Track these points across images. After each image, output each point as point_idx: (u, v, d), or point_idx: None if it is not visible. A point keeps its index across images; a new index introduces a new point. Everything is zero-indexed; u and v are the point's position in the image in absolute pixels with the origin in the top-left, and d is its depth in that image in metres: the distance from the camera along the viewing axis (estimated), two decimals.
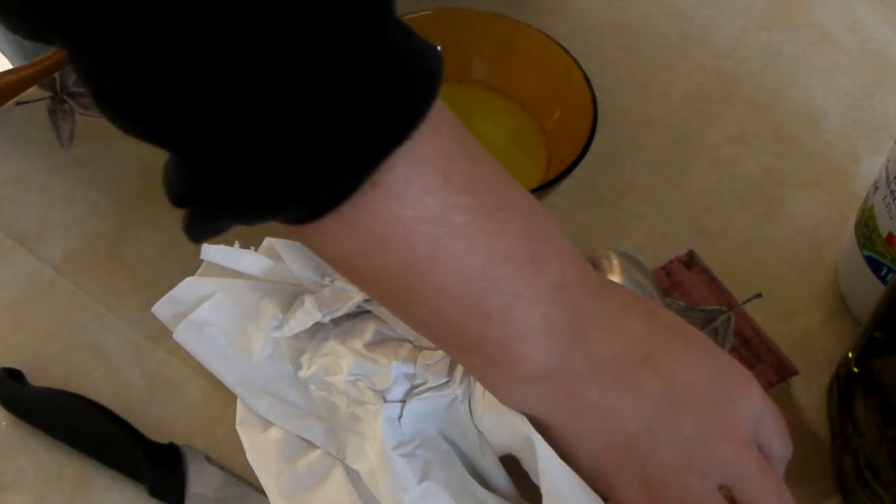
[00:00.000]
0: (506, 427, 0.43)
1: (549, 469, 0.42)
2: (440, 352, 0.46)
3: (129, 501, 0.47)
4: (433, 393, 0.45)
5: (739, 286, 0.56)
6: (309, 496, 0.44)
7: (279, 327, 0.47)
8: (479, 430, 0.46)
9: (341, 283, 0.48)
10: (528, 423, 0.42)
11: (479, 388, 0.45)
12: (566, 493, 0.42)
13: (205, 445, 0.48)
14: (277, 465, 0.45)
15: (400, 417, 0.45)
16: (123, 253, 0.55)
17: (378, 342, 0.47)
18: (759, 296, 0.56)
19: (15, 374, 0.49)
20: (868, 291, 0.51)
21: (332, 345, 0.47)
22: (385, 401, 0.45)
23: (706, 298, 0.55)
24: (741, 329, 0.54)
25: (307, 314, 0.47)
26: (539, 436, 0.42)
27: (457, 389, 0.45)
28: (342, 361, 0.46)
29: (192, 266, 0.50)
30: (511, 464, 0.46)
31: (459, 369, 0.46)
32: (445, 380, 0.46)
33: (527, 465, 0.44)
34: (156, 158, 0.34)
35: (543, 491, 0.42)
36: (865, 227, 0.51)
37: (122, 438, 0.47)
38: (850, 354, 0.50)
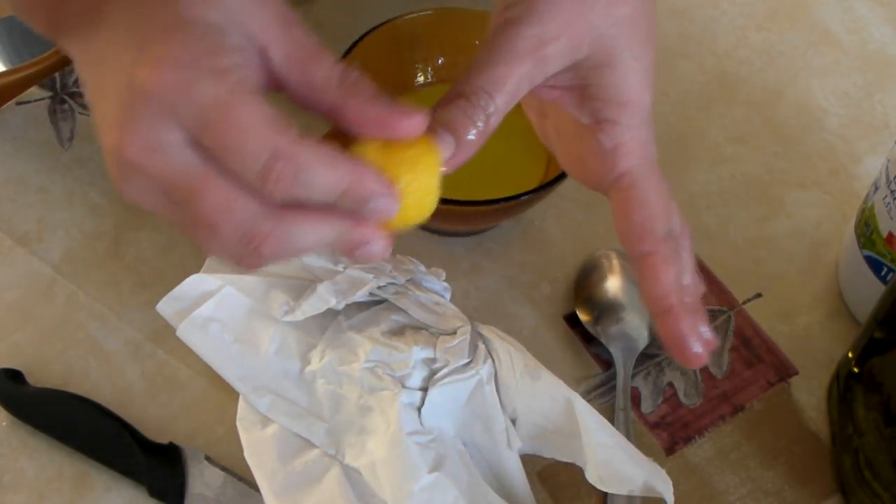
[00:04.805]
0: (543, 392, 0.45)
1: (591, 424, 0.44)
2: (459, 335, 0.46)
3: (129, 501, 0.47)
4: (456, 376, 0.45)
5: (739, 286, 0.56)
6: (302, 496, 0.44)
7: (290, 311, 0.47)
8: (506, 416, 0.46)
9: (354, 270, 0.48)
10: (564, 384, 0.45)
11: (505, 362, 0.46)
12: (606, 444, 0.44)
13: (205, 445, 0.48)
14: (273, 464, 0.45)
15: (420, 407, 0.45)
16: (123, 253, 0.55)
17: (395, 330, 0.47)
18: (759, 296, 0.55)
19: (15, 374, 0.49)
20: (868, 291, 0.51)
21: (348, 335, 0.47)
22: (403, 387, 0.45)
23: (706, 298, 0.55)
24: (741, 329, 0.54)
25: (320, 299, 0.47)
26: (577, 394, 0.44)
27: (481, 370, 0.45)
28: (359, 350, 0.46)
29: (193, 266, 0.50)
30: (526, 468, 0.46)
31: (481, 350, 0.46)
32: (467, 360, 0.46)
33: (559, 440, 0.45)
34: None
35: (585, 443, 0.44)
36: (865, 227, 0.51)
37: (123, 439, 0.47)
38: (850, 354, 0.50)
